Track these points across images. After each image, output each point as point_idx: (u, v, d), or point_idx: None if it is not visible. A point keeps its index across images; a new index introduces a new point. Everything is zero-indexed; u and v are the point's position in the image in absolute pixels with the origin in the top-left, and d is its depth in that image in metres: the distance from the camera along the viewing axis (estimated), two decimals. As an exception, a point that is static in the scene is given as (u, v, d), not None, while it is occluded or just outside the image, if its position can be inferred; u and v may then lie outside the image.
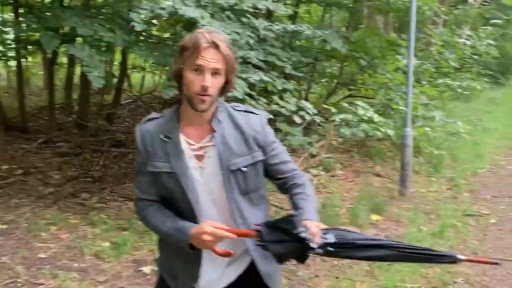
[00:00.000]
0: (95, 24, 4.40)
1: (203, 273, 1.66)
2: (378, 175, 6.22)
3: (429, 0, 8.32)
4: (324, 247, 1.44)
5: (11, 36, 6.14)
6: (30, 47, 7.22)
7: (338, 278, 3.50)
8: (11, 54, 7.40)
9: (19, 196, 5.00)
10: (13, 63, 8.75)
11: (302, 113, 5.38)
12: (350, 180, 6.02)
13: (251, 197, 1.66)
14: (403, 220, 4.69)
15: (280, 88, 5.53)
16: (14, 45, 6.81)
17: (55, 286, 3.30)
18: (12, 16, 7.42)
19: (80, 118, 7.82)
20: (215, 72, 1.55)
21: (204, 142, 1.62)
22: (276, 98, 5.37)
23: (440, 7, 10.09)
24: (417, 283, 3.45)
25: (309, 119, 5.52)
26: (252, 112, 1.70)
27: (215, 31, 1.67)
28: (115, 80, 9.01)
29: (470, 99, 13.78)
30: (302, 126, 6.25)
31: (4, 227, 4.26)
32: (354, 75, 9.35)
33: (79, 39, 4.53)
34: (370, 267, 3.67)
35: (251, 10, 5.11)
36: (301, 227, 1.45)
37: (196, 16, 4.17)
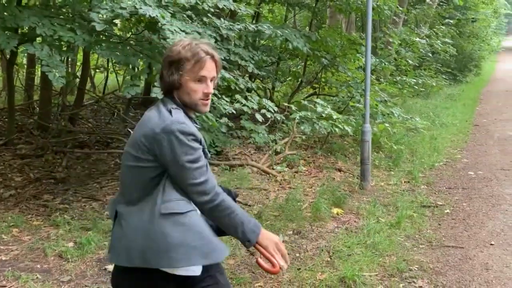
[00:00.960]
0: (55, 24, 4.37)
1: None
2: (340, 170, 6.40)
3: (388, 0, 8.60)
4: None
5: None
6: (-13, 47, 7.04)
7: (300, 269, 3.62)
8: (-32, 54, 7.22)
9: (-21, 199, 4.91)
10: (-31, 64, 8.52)
11: (264, 111, 5.49)
12: (313, 176, 6.17)
13: None
14: (363, 212, 4.86)
15: (243, 86, 5.62)
16: (-30, 45, 6.63)
17: (18, 288, 3.29)
18: (-33, 16, 7.22)
19: (42, 119, 7.70)
20: (211, 79, 1.78)
21: None
22: (239, 97, 5.46)
23: (399, 8, 10.42)
24: (374, 271, 3.61)
25: (270, 117, 5.64)
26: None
27: (202, 40, 1.86)
28: (78, 81, 8.90)
29: (429, 96, 14.25)
30: (266, 124, 6.38)
31: (-36, 231, 4.18)
32: (318, 74, 9.55)
33: (38, 39, 4.49)
34: (331, 258, 3.81)
35: (213, 10, 5.19)
36: None
37: (157, 15, 4.21)
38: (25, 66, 9.67)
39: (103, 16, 4.39)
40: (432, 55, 14.28)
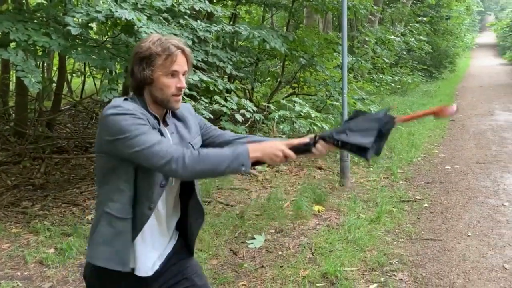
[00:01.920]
0: (29, 29, 4.31)
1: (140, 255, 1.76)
2: (320, 168, 6.47)
3: (364, -1, 8.72)
4: None
5: None
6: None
7: (283, 267, 3.65)
8: None
9: (-45, 208, 4.82)
10: None
11: (244, 111, 5.51)
12: (294, 174, 6.22)
13: None
14: (343, 209, 4.93)
15: (221, 88, 5.64)
16: None
17: (-2, 296, 3.25)
18: None
19: (18, 125, 7.58)
20: (183, 73, 1.76)
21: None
22: (218, 98, 5.47)
23: (374, 7, 10.57)
24: (355, 266, 3.66)
25: (250, 117, 5.67)
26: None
27: (171, 35, 1.87)
28: (55, 86, 8.78)
29: (406, 93, 14.48)
30: (246, 125, 6.40)
31: None
32: (296, 73, 9.62)
33: (12, 44, 4.43)
34: (313, 255, 3.86)
35: (189, 12, 5.19)
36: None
37: (133, 18, 4.20)
38: (-1, 72, 9.49)
39: (78, 20, 4.36)
40: (408, 52, 14.55)
